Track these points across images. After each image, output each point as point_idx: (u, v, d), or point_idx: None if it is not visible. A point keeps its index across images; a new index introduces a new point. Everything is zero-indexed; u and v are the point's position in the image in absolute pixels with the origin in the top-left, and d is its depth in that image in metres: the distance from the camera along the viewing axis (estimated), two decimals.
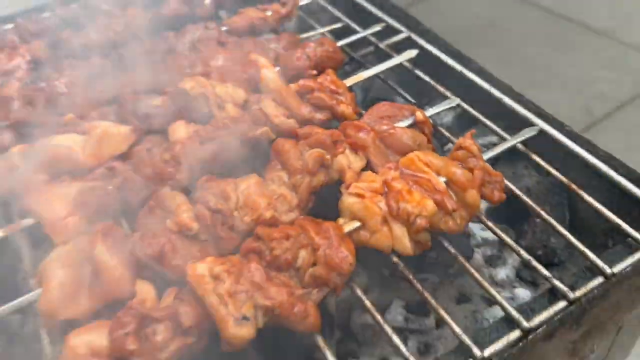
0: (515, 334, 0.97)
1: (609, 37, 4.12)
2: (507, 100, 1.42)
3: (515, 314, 0.98)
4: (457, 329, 0.96)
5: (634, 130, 3.46)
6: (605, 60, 3.94)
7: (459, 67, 1.51)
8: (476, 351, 0.94)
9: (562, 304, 1.01)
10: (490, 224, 1.15)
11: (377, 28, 1.64)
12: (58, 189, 1.20)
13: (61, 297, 1.02)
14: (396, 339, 0.97)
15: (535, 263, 1.06)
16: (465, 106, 1.40)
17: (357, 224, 1.09)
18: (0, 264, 1.37)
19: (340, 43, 1.56)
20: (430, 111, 1.35)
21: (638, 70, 3.87)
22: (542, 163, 1.26)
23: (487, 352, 0.94)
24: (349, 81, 1.43)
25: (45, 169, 1.23)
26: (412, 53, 1.52)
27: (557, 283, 1.02)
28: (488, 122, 1.36)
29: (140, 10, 1.74)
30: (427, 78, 1.49)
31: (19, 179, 1.22)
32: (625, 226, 1.12)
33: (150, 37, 1.61)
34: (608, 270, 1.04)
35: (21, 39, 1.71)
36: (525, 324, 0.97)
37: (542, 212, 1.16)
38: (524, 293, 1.31)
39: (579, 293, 1.01)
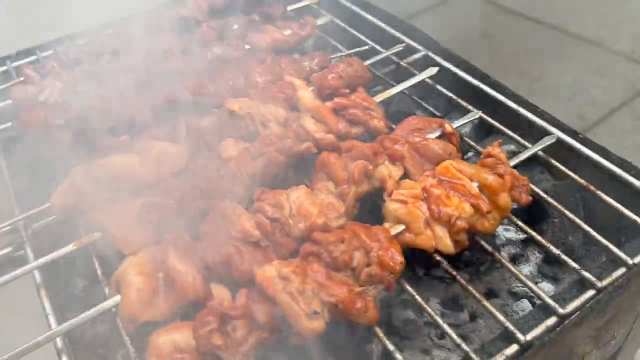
0: (552, 320, 1.09)
1: (598, 46, 4.30)
2: (523, 111, 1.55)
3: (551, 302, 1.10)
4: (501, 317, 1.08)
5: (625, 134, 3.63)
6: (596, 68, 4.11)
7: (476, 81, 1.64)
8: (519, 336, 1.05)
9: (591, 292, 1.13)
10: (520, 223, 1.28)
11: (399, 48, 1.77)
12: (123, 204, 1.31)
13: (140, 301, 1.12)
14: (447, 328, 1.08)
15: (564, 257, 1.18)
16: (487, 118, 1.53)
17: (402, 227, 1.21)
18: (64, 275, 1.47)
19: (367, 63, 1.68)
20: (456, 123, 1.48)
21: (627, 77, 4.05)
22: (562, 168, 1.39)
23: (529, 336, 1.06)
24: (379, 98, 1.55)
25: (108, 186, 1.34)
26: (433, 70, 1.65)
27: (585, 274, 1.15)
28: (510, 132, 1.49)
29: (174, 36, 1.87)
30: (449, 93, 1.62)
31: (84, 196, 1.33)
32: None
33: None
34: (630, 261, 1.16)
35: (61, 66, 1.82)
36: (560, 310, 1.09)
37: (567, 212, 1.28)
38: (547, 287, 1.43)
39: (605, 282, 1.14)
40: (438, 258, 1.20)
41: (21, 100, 1.66)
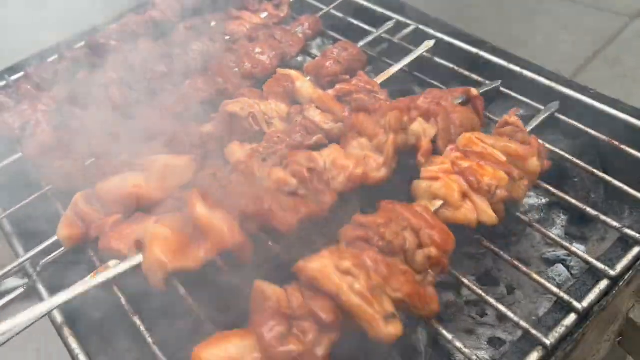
0: (604, 283, 1.05)
1: (563, 0, 4.30)
2: (527, 73, 1.51)
3: (600, 265, 1.07)
4: (554, 288, 1.04)
5: (604, 84, 3.62)
6: (564, 22, 4.12)
7: (475, 50, 1.60)
8: (576, 304, 1.01)
9: (636, 249, 1.10)
10: (551, 188, 1.24)
11: (389, 25, 1.71)
12: (136, 225, 1.22)
13: (167, 250, 1.05)
14: (501, 307, 1.04)
15: (604, 217, 1.15)
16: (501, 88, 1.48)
17: (440, 202, 1.13)
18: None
19: (360, 44, 1.62)
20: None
21: (595, 29, 4.06)
22: (580, 126, 1.36)
23: (585, 302, 1.02)
24: (380, 78, 1.49)
25: (115, 209, 1.26)
26: (430, 43, 1.59)
27: (628, 231, 1.11)
28: (518, 96, 1.45)
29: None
30: (450, 64, 1.57)
31: (91, 223, 1.25)
32: None
33: None
34: None
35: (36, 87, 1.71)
36: (611, 272, 1.05)
37: (593, 170, 1.25)
38: (579, 247, 1.40)
39: None
40: (477, 235, 1.15)
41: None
